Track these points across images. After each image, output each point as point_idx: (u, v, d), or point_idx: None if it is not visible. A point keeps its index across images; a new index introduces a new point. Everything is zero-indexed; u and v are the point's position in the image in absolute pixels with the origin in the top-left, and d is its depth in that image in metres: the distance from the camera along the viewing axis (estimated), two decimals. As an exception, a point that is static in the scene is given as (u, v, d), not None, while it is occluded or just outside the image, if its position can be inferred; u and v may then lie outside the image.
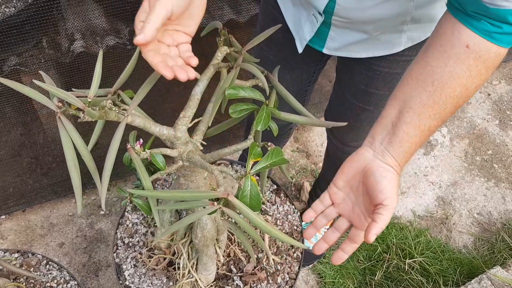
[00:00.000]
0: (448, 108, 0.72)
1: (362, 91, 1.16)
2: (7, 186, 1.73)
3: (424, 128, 0.73)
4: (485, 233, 2.02)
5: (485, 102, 2.54)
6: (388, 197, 0.73)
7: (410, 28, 0.96)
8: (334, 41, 1.05)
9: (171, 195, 0.81)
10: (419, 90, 0.73)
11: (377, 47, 1.02)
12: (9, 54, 1.28)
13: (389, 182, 0.74)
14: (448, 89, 0.71)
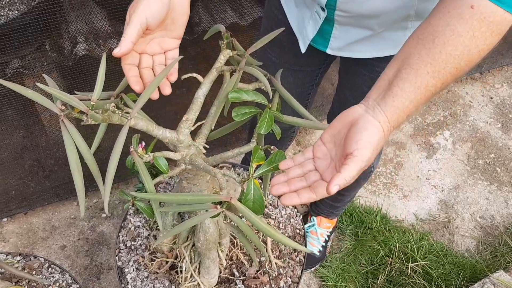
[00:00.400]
0: (449, 68, 0.69)
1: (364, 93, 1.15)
2: (9, 188, 1.73)
3: (420, 85, 0.69)
4: (488, 237, 2.02)
5: (488, 106, 2.53)
6: (360, 148, 0.68)
7: (414, 26, 0.95)
8: (337, 40, 1.05)
9: (174, 198, 0.81)
10: (419, 48, 0.70)
11: (380, 47, 1.02)
12: (12, 57, 1.28)
13: (368, 134, 0.69)
14: (449, 46, 0.68)
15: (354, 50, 1.05)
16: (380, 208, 2.03)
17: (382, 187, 2.14)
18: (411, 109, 0.70)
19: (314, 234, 1.82)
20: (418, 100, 0.69)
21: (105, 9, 1.33)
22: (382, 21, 0.94)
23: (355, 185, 1.57)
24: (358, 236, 1.92)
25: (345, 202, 1.73)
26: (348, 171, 0.68)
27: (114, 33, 1.38)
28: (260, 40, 0.91)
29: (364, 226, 1.94)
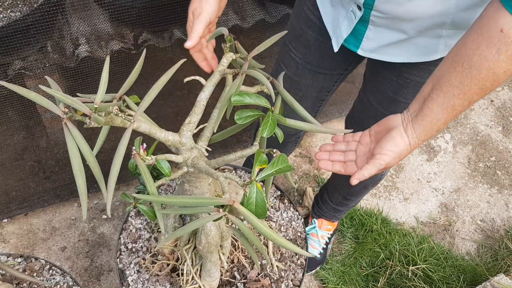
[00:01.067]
0: (473, 89, 0.75)
1: (389, 99, 1.15)
2: (10, 189, 1.72)
3: (447, 106, 0.78)
4: (489, 240, 2.01)
5: (488, 109, 2.53)
6: (382, 153, 0.83)
7: (449, 34, 0.94)
8: (370, 41, 1.04)
9: (176, 200, 0.80)
10: (450, 70, 0.76)
11: (413, 52, 1.00)
12: (14, 58, 1.28)
13: (393, 145, 0.82)
14: (475, 70, 0.73)
15: (385, 53, 1.04)
16: (380, 210, 2.03)
17: (382, 190, 2.13)
18: (439, 126, 0.81)
19: (315, 236, 1.82)
20: (445, 118, 0.79)
21: (107, 10, 1.33)
22: (417, 25, 0.93)
23: (363, 191, 1.56)
24: (359, 239, 1.92)
25: (349, 207, 1.72)
26: (367, 170, 0.85)
27: (116, 34, 1.38)
28: (264, 43, 0.91)
29: (364, 228, 1.94)
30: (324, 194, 1.74)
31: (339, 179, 1.59)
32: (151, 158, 0.82)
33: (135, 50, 1.40)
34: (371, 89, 1.19)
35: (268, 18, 1.54)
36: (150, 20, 1.40)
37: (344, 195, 1.61)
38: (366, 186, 1.52)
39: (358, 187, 1.52)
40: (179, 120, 1.75)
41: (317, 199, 1.83)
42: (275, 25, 1.56)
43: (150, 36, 1.41)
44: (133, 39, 1.40)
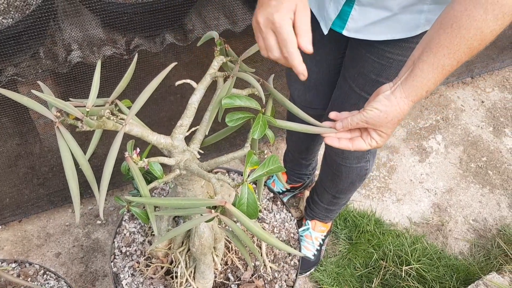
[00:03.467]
0: (463, 48, 0.79)
1: (372, 81, 1.17)
2: (4, 196, 1.72)
3: (437, 66, 0.81)
4: (481, 240, 2.03)
5: (479, 109, 2.56)
6: (368, 108, 0.87)
7: (429, 9, 0.97)
8: (355, 21, 1.06)
9: (169, 202, 0.81)
10: (440, 32, 0.80)
11: (396, 29, 1.03)
12: (6, 65, 1.28)
13: (378, 102, 0.86)
14: (464, 30, 0.77)
15: (370, 31, 1.06)
16: (374, 212, 2.05)
17: (375, 191, 2.15)
18: (429, 86, 0.84)
19: (309, 238, 1.83)
20: (435, 78, 0.82)
21: (99, 16, 1.34)
22: (401, 1, 0.96)
23: (351, 187, 1.58)
24: (353, 240, 1.93)
25: (340, 206, 1.74)
26: (352, 118, 0.89)
27: (108, 40, 1.39)
28: (254, 46, 0.92)
29: (358, 230, 1.95)
30: (314, 196, 1.75)
31: (326, 179, 1.61)
32: (144, 161, 0.83)
33: (127, 55, 1.41)
34: (353, 75, 1.21)
35: (259, 22, 1.55)
36: (142, 25, 1.41)
37: (333, 194, 1.63)
38: (353, 182, 1.53)
39: (345, 183, 1.54)
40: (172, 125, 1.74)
41: (308, 201, 1.84)
42: (266, 29, 1.58)
43: (142, 41, 1.42)
44: (125, 45, 1.41)
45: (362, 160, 1.44)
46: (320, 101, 1.43)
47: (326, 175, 1.60)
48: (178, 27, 1.48)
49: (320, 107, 1.46)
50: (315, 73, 1.33)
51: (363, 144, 0.92)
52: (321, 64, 1.29)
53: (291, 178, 1.96)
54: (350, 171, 1.48)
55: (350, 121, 0.90)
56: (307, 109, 1.46)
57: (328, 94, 1.39)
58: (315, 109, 1.46)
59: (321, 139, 1.75)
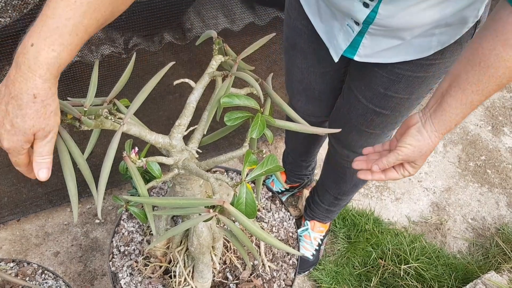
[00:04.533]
0: (491, 86, 0.80)
1: (380, 95, 1.15)
2: (2, 195, 1.72)
3: (466, 102, 0.83)
4: (480, 238, 2.03)
5: (478, 108, 2.56)
6: (401, 145, 0.90)
7: (441, 32, 0.96)
8: (366, 48, 1.05)
9: (167, 202, 0.81)
10: (468, 68, 0.81)
11: (408, 52, 1.02)
12: (4, 64, 1.28)
13: (412, 139, 0.89)
14: (492, 69, 0.78)
15: (382, 56, 1.05)
16: (372, 210, 2.05)
17: (374, 190, 2.15)
18: (458, 120, 0.86)
19: (308, 238, 1.83)
20: (463, 113, 0.85)
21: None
22: (414, 32, 0.95)
23: (354, 189, 1.57)
24: (351, 239, 1.94)
25: (341, 206, 1.74)
26: (386, 158, 0.91)
27: (106, 39, 1.39)
28: (252, 45, 0.92)
29: (357, 228, 1.95)
30: (315, 196, 1.75)
31: (328, 181, 1.61)
32: (142, 160, 0.83)
33: (126, 54, 1.41)
34: (359, 86, 1.19)
35: (258, 21, 1.55)
36: (140, 24, 1.40)
37: (335, 195, 1.62)
38: (357, 184, 1.53)
39: (348, 186, 1.53)
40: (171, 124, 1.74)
41: (308, 201, 1.84)
42: (264, 28, 1.58)
43: (140, 40, 1.42)
44: (123, 43, 1.40)
45: None
46: (323, 110, 1.42)
47: (329, 177, 1.59)
48: (177, 26, 1.48)
49: (323, 115, 1.44)
50: (319, 84, 1.31)
51: (396, 175, 0.95)
52: (325, 75, 1.28)
53: (290, 179, 1.95)
54: (354, 173, 1.47)
55: (386, 162, 0.92)
56: (309, 117, 1.45)
57: (332, 102, 1.38)
58: (317, 117, 1.46)
59: (321, 141, 1.75)
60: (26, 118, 0.62)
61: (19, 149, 0.65)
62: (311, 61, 1.24)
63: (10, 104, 0.61)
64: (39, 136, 0.65)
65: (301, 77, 1.31)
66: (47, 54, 0.60)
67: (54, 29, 0.60)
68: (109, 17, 0.67)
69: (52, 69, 0.61)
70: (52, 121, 0.64)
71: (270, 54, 1.79)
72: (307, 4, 1.13)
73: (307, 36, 1.17)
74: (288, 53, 1.29)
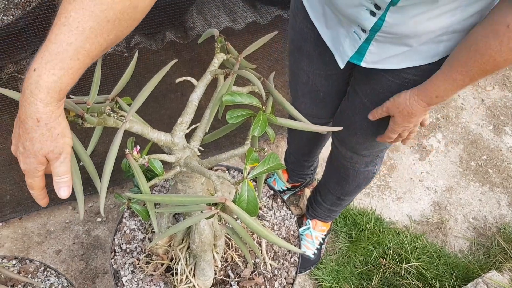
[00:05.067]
0: (475, 70, 0.88)
1: (385, 99, 1.14)
2: (4, 193, 1.73)
3: (449, 78, 0.93)
4: (481, 238, 2.04)
5: (479, 108, 2.56)
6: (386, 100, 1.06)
7: (449, 38, 0.96)
8: (373, 55, 1.05)
9: (169, 199, 0.81)
10: (461, 49, 0.90)
11: (415, 58, 1.02)
12: (6, 62, 1.28)
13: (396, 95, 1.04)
14: (478, 55, 0.85)
15: (389, 62, 1.05)
16: (374, 210, 2.05)
17: (376, 189, 2.15)
18: (439, 93, 0.96)
19: (309, 237, 1.83)
20: (446, 87, 0.94)
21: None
22: (421, 39, 0.96)
23: (357, 190, 1.57)
24: (352, 238, 1.94)
25: (343, 206, 1.74)
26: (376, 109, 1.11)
27: (108, 37, 1.39)
28: (254, 43, 0.93)
29: (358, 228, 1.95)
30: (317, 196, 1.75)
31: (331, 181, 1.61)
32: (144, 158, 0.83)
33: (128, 52, 1.41)
34: (365, 90, 1.18)
35: (260, 20, 1.55)
36: (142, 23, 1.40)
37: (338, 196, 1.62)
38: (359, 185, 1.53)
39: (351, 186, 1.54)
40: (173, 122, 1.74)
41: (310, 201, 1.84)
42: (266, 26, 1.58)
43: (142, 39, 1.42)
44: (125, 42, 1.41)
45: (370, 164, 1.43)
46: (327, 112, 1.42)
47: (332, 177, 1.59)
48: (179, 25, 1.48)
49: (327, 117, 1.44)
50: (324, 87, 1.31)
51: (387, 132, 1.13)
52: (330, 77, 1.27)
53: (292, 178, 1.96)
54: (357, 175, 1.47)
55: (375, 111, 1.11)
56: (313, 119, 1.45)
57: (336, 104, 1.37)
58: (321, 119, 1.45)
59: (324, 141, 1.75)
60: (33, 142, 0.64)
61: (33, 171, 0.67)
62: (317, 64, 1.24)
63: (21, 128, 0.64)
64: (51, 158, 0.66)
65: (306, 79, 1.31)
66: (47, 78, 0.60)
67: (56, 54, 0.61)
68: (113, 41, 0.68)
69: (53, 92, 0.61)
70: (60, 143, 0.65)
71: (272, 53, 1.80)
72: (312, 10, 1.13)
73: (313, 39, 1.17)
74: (293, 55, 1.29)
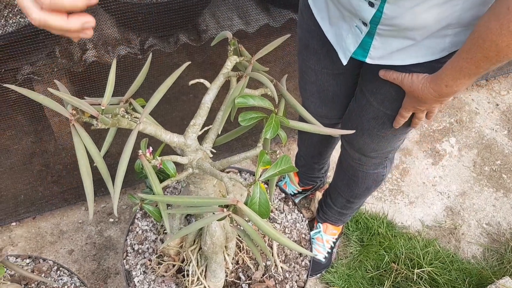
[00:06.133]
0: (478, 56, 0.86)
1: (392, 98, 1.15)
2: (18, 193, 1.75)
3: (456, 66, 0.91)
4: (494, 244, 2.01)
5: (494, 112, 2.53)
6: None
7: (454, 32, 0.96)
8: (377, 50, 1.05)
9: (182, 200, 0.82)
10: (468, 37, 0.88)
11: (421, 53, 1.02)
12: (23, 63, 1.30)
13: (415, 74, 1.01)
14: (480, 40, 0.84)
15: (394, 58, 1.05)
16: (386, 214, 2.04)
17: (388, 194, 2.14)
18: (448, 82, 0.94)
19: (320, 241, 1.83)
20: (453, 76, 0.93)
21: (114, 16, 1.36)
22: (424, 32, 0.95)
23: (366, 193, 1.57)
24: (364, 242, 1.93)
25: (354, 209, 1.73)
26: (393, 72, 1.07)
27: (122, 40, 1.41)
28: (267, 46, 0.93)
29: (370, 232, 1.94)
30: (328, 199, 1.74)
31: (341, 183, 1.60)
32: (157, 159, 0.84)
33: (141, 55, 1.42)
34: (371, 89, 1.18)
35: (273, 23, 1.55)
36: (156, 25, 1.42)
37: (348, 198, 1.62)
38: (369, 187, 1.52)
39: (361, 189, 1.53)
40: (185, 124, 1.76)
41: (321, 204, 1.84)
42: (279, 29, 1.58)
43: (156, 41, 1.43)
44: (139, 44, 1.42)
45: (379, 166, 1.42)
46: (336, 113, 1.42)
47: (341, 179, 1.58)
48: (192, 28, 1.49)
49: (336, 117, 1.44)
50: (333, 86, 1.31)
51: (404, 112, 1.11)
52: (338, 77, 1.27)
53: (303, 181, 1.95)
54: (367, 177, 1.46)
55: (390, 73, 1.06)
56: (322, 119, 1.45)
57: (345, 104, 1.37)
58: (330, 119, 1.45)
59: (334, 144, 1.75)
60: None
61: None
62: (324, 62, 1.24)
63: None
64: None
65: (314, 78, 1.31)
66: None
67: None
68: None
69: None
70: None
71: (284, 56, 1.80)
72: (316, 8, 1.13)
73: (319, 37, 1.18)
74: (301, 54, 1.29)
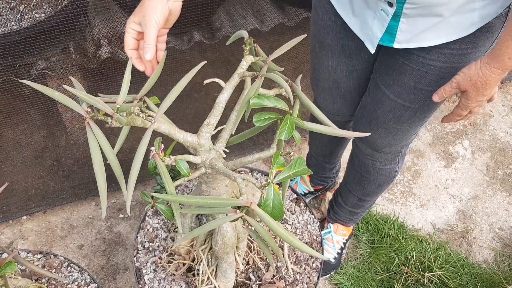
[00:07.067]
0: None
1: (410, 89, 1.13)
2: (29, 187, 1.76)
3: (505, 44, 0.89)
4: (506, 249, 1.99)
5: (508, 116, 2.50)
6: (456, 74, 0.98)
7: (482, 5, 0.94)
8: (404, 33, 1.03)
9: (194, 200, 0.81)
10: None
11: (449, 31, 1.00)
12: (37, 59, 1.30)
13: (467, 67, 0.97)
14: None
15: (422, 39, 1.03)
16: (397, 216, 2.02)
17: (399, 195, 2.12)
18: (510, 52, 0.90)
19: (330, 241, 1.82)
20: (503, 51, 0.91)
21: (129, 12, 1.35)
22: (452, 6, 0.93)
23: (378, 190, 1.55)
24: (374, 244, 1.91)
25: (365, 209, 1.71)
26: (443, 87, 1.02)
27: (136, 36, 1.40)
28: (283, 46, 0.92)
29: (380, 234, 1.93)
30: (339, 198, 1.73)
31: (352, 181, 1.59)
32: (170, 158, 0.83)
33: (155, 52, 1.42)
34: (387, 81, 1.16)
35: (287, 22, 1.54)
36: (170, 22, 1.41)
37: (359, 196, 1.60)
38: (381, 184, 1.51)
39: (373, 186, 1.51)
40: (196, 122, 1.76)
41: (331, 203, 1.82)
42: (294, 28, 1.57)
43: (170, 39, 1.43)
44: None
45: (392, 161, 1.41)
46: (349, 109, 1.41)
47: (353, 177, 1.57)
48: (206, 25, 1.48)
49: (348, 114, 1.43)
50: (345, 83, 1.30)
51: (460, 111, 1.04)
52: (351, 73, 1.26)
53: (314, 181, 1.94)
54: (379, 173, 1.45)
55: (443, 90, 1.01)
56: (335, 117, 1.44)
57: (357, 100, 1.36)
58: (343, 116, 1.44)
59: (345, 143, 1.73)
60: None
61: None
62: (339, 58, 1.23)
63: None
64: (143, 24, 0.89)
65: (327, 75, 1.30)
66: None
67: None
68: None
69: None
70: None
71: (297, 55, 1.79)
72: (338, 2, 1.12)
73: (335, 32, 1.16)
74: (315, 51, 1.28)
